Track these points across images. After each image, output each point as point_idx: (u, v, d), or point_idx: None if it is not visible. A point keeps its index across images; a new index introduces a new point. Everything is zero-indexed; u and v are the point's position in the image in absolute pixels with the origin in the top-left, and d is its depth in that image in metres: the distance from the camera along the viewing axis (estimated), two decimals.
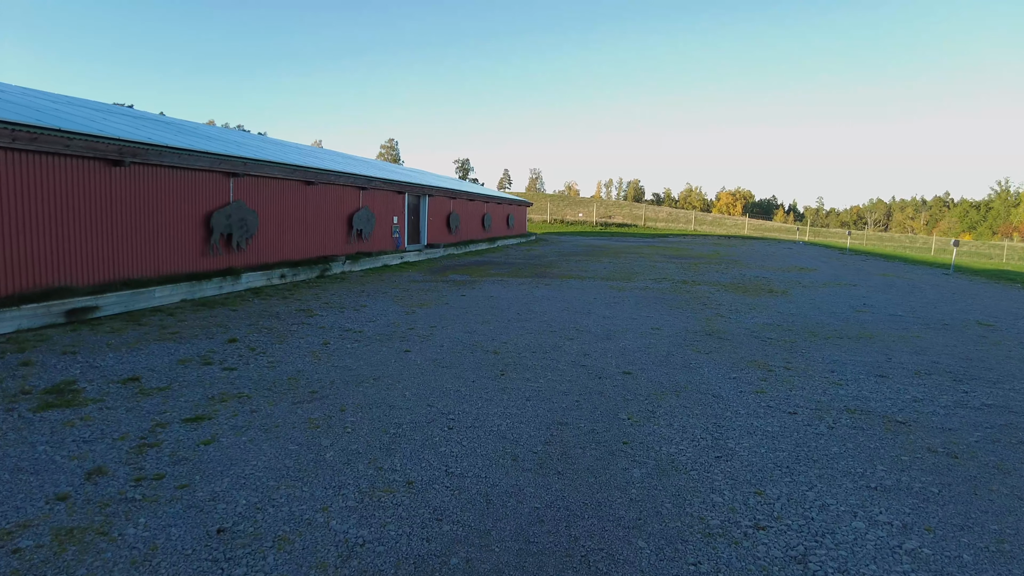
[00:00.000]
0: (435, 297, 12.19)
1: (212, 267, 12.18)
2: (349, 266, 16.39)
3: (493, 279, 15.58)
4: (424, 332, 8.58)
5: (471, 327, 9.06)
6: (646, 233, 50.81)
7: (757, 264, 23.44)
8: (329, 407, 5.23)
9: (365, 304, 11.05)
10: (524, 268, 18.79)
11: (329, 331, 8.51)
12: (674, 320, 10.25)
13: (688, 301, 12.65)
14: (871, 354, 8.14)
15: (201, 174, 11.88)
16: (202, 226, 11.99)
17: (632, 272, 18.41)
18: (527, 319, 9.90)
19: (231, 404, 5.28)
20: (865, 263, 27.34)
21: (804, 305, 12.72)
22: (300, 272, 14.26)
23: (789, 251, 33.84)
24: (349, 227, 17.51)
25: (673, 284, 15.64)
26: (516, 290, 13.51)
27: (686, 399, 5.75)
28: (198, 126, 16.99)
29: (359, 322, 9.24)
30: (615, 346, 8.05)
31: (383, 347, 7.58)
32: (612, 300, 12.41)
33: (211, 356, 6.97)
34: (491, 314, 10.29)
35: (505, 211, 34.90)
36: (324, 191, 16.14)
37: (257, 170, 13.27)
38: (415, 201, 22.64)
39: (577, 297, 12.67)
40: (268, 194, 13.92)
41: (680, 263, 22.47)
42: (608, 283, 15.40)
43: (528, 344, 8.00)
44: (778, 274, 19.62)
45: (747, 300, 13.14)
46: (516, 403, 5.41)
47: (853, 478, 4.09)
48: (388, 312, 10.25)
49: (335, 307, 10.65)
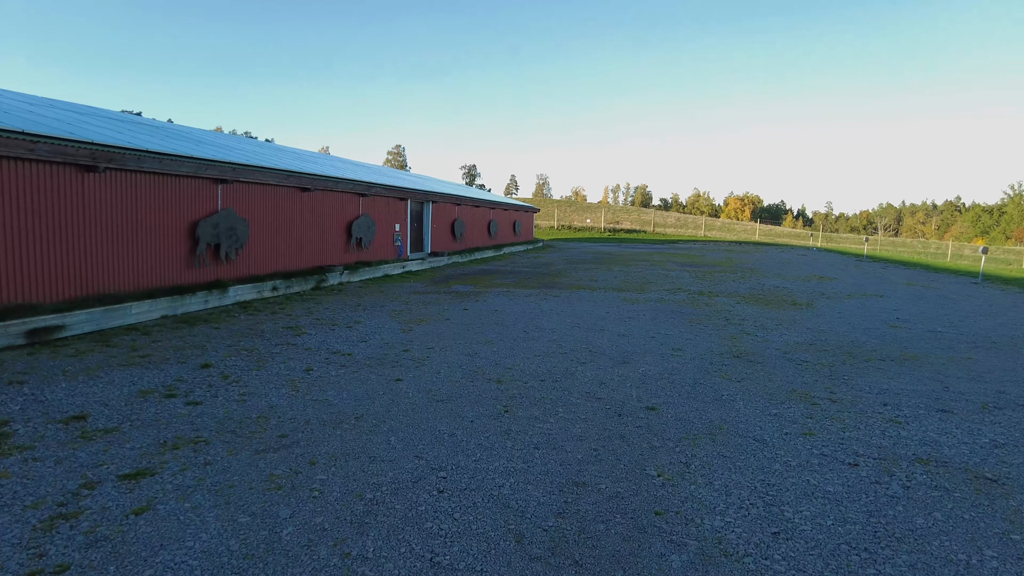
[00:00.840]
0: (436, 311, 11.33)
1: (198, 280, 11.38)
2: (347, 276, 15.58)
3: (498, 290, 14.73)
4: (420, 355, 7.72)
5: (472, 348, 8.19)
6: (655, 239, 49.82)
7: (774, 272, 22.46)
8: (298, 458, 4.37)
9: (359, 320, 10.21)
10: (531, 278, 17.93)
11: (315, 354, 7.67)
12: (696, 339, 9.34)
13: (708, 315, 11.73)
14: (923, 381, 7.20)
15: (186, 180, 11.11)
16: (187, 236, 11.21)
17: (645, 282, 17.50)
18: (534, 338, 9.03)
19: (183, 453, 4.43)
20: (885, 271, 26.28)
21: (833, 320, 11.77)
22: (294, 284, 13.46)
23: (804, 258, 32.77)
24: (348, 235, 16.72)
25: (689, 295, 14.72)
26: (522, 303, 12.64)
27: (724, 445, 4.85)
28: (189, 130, 16.27)
29: (350, 342, 8.39)
30: (634, 372, 7.16)
31: (372, 374, 6.72)
32: (626, 315, 11.51)
33: (177, 386, 6.14)
34: (495, 332, 9.43)
35: (512, 217, 34.07)
36: (321, 198, 15.36)
37: (248, 176, 12.50)
38: (418, 208, 21.84)
39: (588, 311, 11.78)
40: (260, 201, 13.14)
41: (694, 272, 21.53)
42: (620, 294, 14.51)
43: (535, 370, 7.12)
44: (798, 284, 18.65)
45: (771, 314, 12.21)
46: (522, 452, 4.54)
47: (957, 569, 3.18)
48: (383, 330, 9.40)
49: (326, 324, 9.82)
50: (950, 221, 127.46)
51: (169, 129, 14.74)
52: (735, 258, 30.19)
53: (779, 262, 28.38)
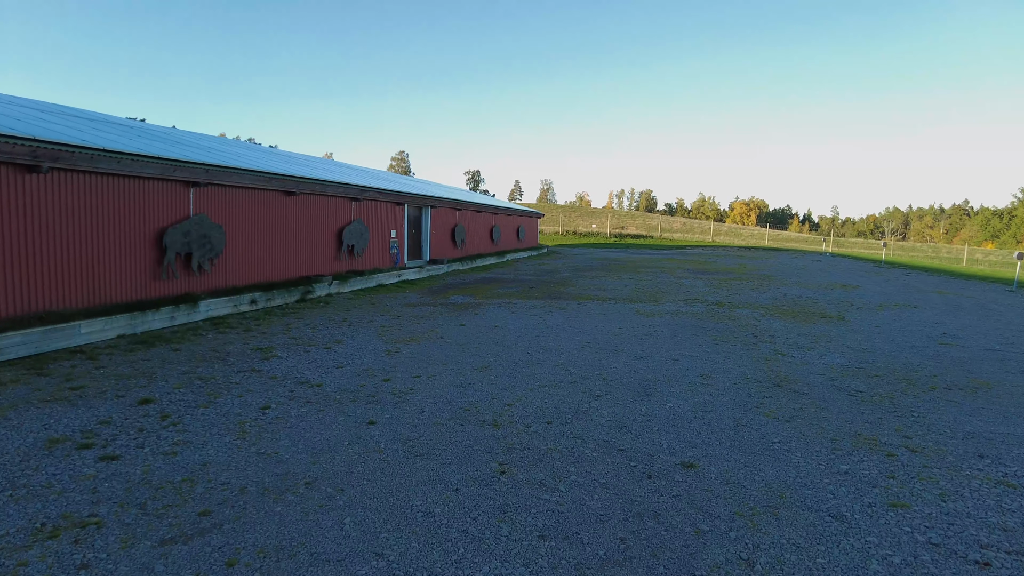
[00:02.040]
0: (428, 327, 10.14)
1: (165, 294, 10.24)
2: (337, 287, 14.42)
3: (500, 301, 13.54)
4: (402, 386, 6.52)
5: (466, 376, 6.98)
6: (663, 245, 48.57)
7: (793, 280, 21.19)
8: (212, 556, 3.17)
9: (341, 339, 9.03)
10: (535, 287, 16.73)
11: (279, 384, 6.48)
12: (726, 362, 8.12)
13: (733, 331, 10.49)
14: (1012, 419, 5.95)
15: (151, 183, 9.98)
16: (153, 245, 10.07)
17: (658, 291, 16.27)
18: (539, 361, 7.82)
19: (58, 546, 3.24)
20: (908, 277, 24.95)
21: (872, 335, 10.51)
22: (276, 296, 12.30)
23: (818, 264, 31.47)
24: (339, 243, 15.57)
25: (708, 307, 13.48)
26: (526, 316, 11.44)
27: (793, 526, 3.63)
28: (168, 131, 15.16)
29: (324, 368, 7.20)
30: (660, 410, 5.93)
31: (340, 415, 5.52)
32: (642, 330, 10.29)
33: (99, 432, 4.96)
34: (493, 354, 8.23)
35: (515, 223, 32.91)
36: (308, 202, 14.22)
37: (224, 178, 11.37)
38: (416, 213, 20.70)
39: (599, 326, 10.57)
40: (238, 206, 12.01)
41: (708, 280, 20.28)
42: (633, 306, 13.29)
43: (540, 407, 5.91)
44: (821, 293, 17.37)
45: (802, 329, 10.96)
46: (522, 547, 3.32)
47: None
48: (366, 351, 8.21)
49: (302, 344, 8.64)
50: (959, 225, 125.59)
51: (144, 129, 13.64)
52: (748, 264, 28.92)
53: (794, 269, 27.09)
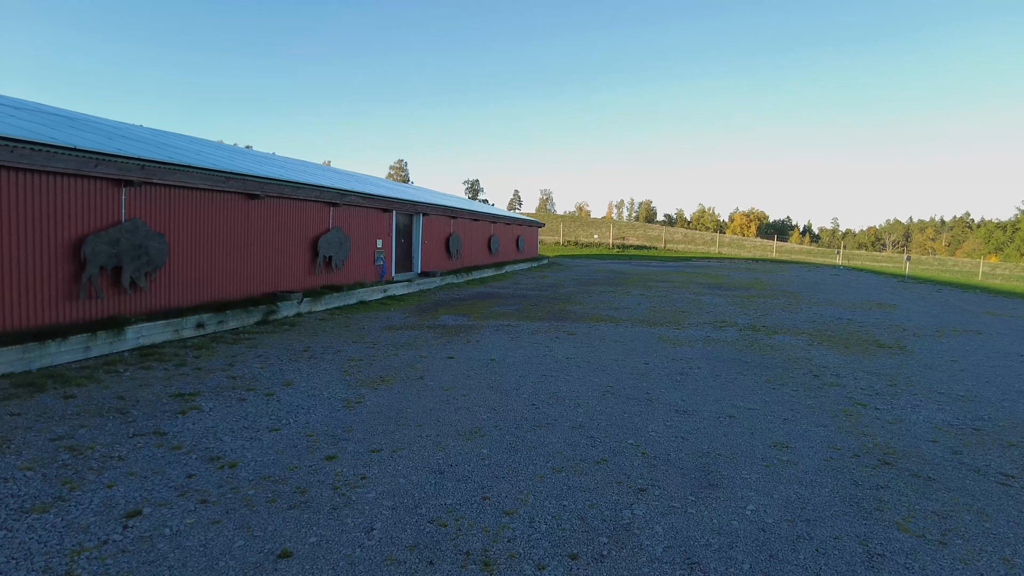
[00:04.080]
0: (408, 360, 8.16)
1: (82, 317, 8.25)
2: (308, 306, 12.42)
3: (497, 323, 11.55)
4: (351, 472, 4.50)
5: (446, 451, 4.98)
6: (667, 256, 46.66)
7: (820, 297, 19.23)
8: None
9: (292, 380, 7.04)
10: (538, 304, 14.76)
11: (178, 462, 4.48)
12: (795, 417, 6.13)
13: (783, 367, 8.52)
14: None
15: (66, 180, 8.03)
16: (68, 257, 8.10)
17: (677, 311, 14.30)
18: (548, 421, 5.83)
19: None
20: (941, 294, 23.01)
21: (958, 375, 8.54)
22: (230, 318, 10.30)
23: (837, 278, 29.53)
24: (314, 254, 13.60)
25: (741, 332, 11.51)
26: (528, 345, 9.45)
27: None
28: (117, 125, 13.19)
29: (251, 432, 5.20)
30: (738, 519, 3.94)
31: (240, 537, 3.51)
32: (674, 366, 8.31)
33: None
34: (487, 406, 6.24)
35: (514, 232, 30.98)
36: (276, 207, 12.26)
37: (166, 177, 9.42)
38: (406, 221, 18.75)
39: (620, 360, 8.58)
40: (186, 211, 10.05)
41: (729, 297, 18.32)
42: (653, 330, 11.31)
43: (556, 520, 3.91)
44: (860, 313, 15.42)
45: (864, 364, 8.99)
46: None
47: None
48: (318, 401, 6.21)
49: (240, 387, 6.64)
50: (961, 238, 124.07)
51: (77, 119, 11.67)
52: (764, 279, 26.97)
53: (814, 284, 25.15)
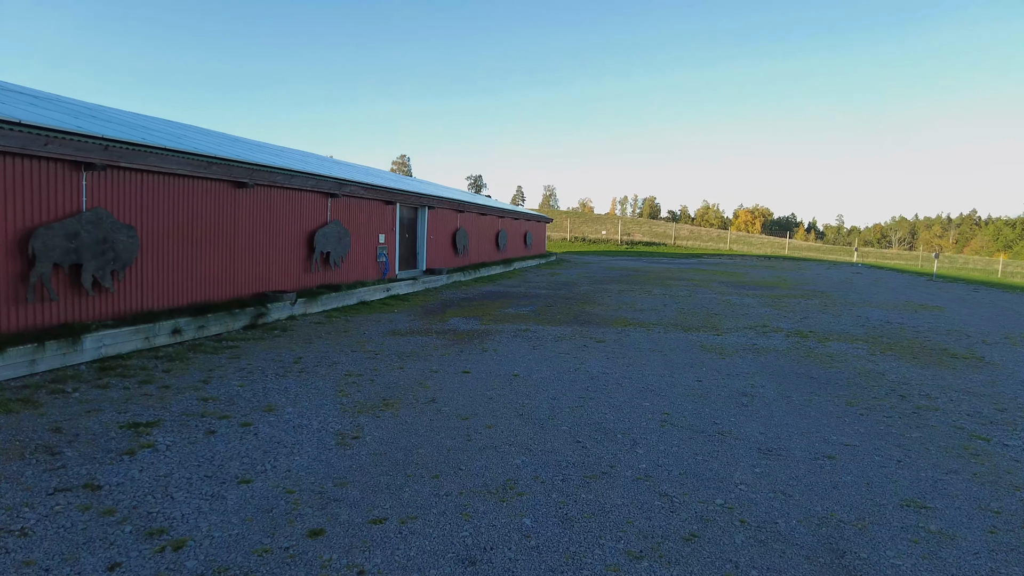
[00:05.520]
0: (416, 376, 6.87)
1: (31, 324, 6.97)
2: (303, 307, 11.14)
3: (514, 328, 10.26)
4: (344, 561, 3.21)
5: (474, 519, 3.69)
6: (677, 253, 45.29)
7: (855, 298, 17.91)
8: None
9: (275, 404, 5.75)
10: (554, 305, 13.46)
11: (93, 551, 3.20)
12: (918, 464, 4.84)
13: (859, 385, 7.22)
14: None
15: (9, 163, 6.74)
16: (14, 252, 6.82)
17: (709, 314, 12.99)
18: (602, 467, 4.54)
19: None
20: (979, 294, 21.67)
21: None
22: (212, 322, 9.01)
23: (861, 277, 28.19)
24: (310, 250, 12.31)
25: (789, 339, 10.20)
26: (554, 355, 8.16)
27: None
28: (73, 102, 11.83)
29: (211, 488, 3.92)
30: None
31: None
32: (731, 384, 7.01)
33: None
34: (519, 443, 4.96)
35: (522, 228, 29.66)
36: (267, 197, 10.96)
37: (138, 160, 8.12)
38: (410, 214, 17.44)
39: (666, 375, 7.28)
40: (161, 199, 8.76)
41: (757, 297, 17.00)
42: (689, 336, 10.01)
43: None
44: (907, 316, 14.11)
45: (950, 380, 7.69)
46: None
47: None
48: (305, 433, 4.93)
49: (211, 414, 5.36)
50: (969, 235, 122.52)
51: (45, 98, 10.34)
52: (785, 277, 25.62)
53: (840, 282, 23.80)
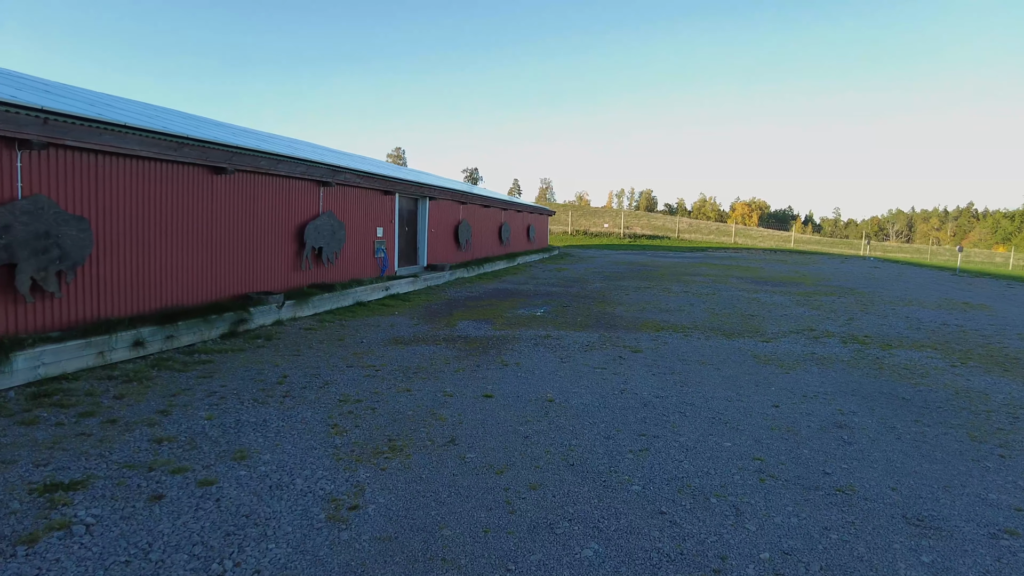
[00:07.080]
0: (426, 403, 5.53)
1: None
2: (291, 310, 9.77)
3: (532, 334, 8.93)
4: None
5: None
6: (683, 247, 43.99)
7: (889, 295, 16.65)
8: None
9: (248, 447, 4.41)
10: (570, 305, 12.14)
11: None
12: None
13: (968, 410, 5.95)
14: None
15: None
16: None
17: (745, 315, 11.69)
18: (707, 559, 3.22)
19: None
20: (1011, 289, 20.48)
21: None
22: (183, 331, 7.64)
23: (879, 271, 26.97)
24: (300, 245, 10.93)
25: (847, 346, 8.91)
26: (588, 372, 6.83)
27: None
28: (27, 78, 10.37)
29: None
30: None
31: None
32: (816, 412, 5.70)
33: None
34: (581, 523, 3.64)
35: (525, 220, 28.29)
36: (249, 185, 9.57)
37: (89, 139, 6.72)
38: (410, 206, 16.06)
39: (734, 402, 5.97)
40: (121, 186, 7.36)
41: (785, 294, 15.72)
42: (734, 343, 8.71)
43: None
44: (959, 316, 12.87)
45: None
46: None
47: None
48: (285, 500, 3.60)
49: (163, 465, 4.02)
50: (967, 228, 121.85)
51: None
52: (803, 271, 24.36)
53: (863, 278, 22.55)
